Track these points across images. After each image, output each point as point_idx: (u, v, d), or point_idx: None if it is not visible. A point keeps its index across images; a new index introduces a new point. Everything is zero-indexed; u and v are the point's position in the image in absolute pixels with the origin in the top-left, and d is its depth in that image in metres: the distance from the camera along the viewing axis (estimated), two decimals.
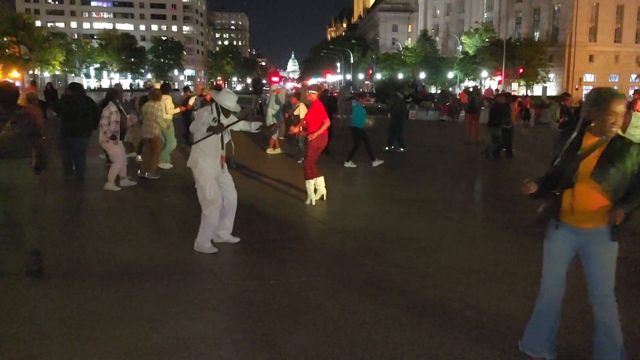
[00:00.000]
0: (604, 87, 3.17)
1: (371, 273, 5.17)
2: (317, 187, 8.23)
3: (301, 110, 10.83)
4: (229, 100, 5.58)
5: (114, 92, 9.52)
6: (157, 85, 19.31)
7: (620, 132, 3.12)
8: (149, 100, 10.32)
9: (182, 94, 16.46)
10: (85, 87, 13.55)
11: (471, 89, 30.64)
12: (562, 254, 3.23)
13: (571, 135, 3.15)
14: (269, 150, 13.87)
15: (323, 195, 8.31)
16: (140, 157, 11.34)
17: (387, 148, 14.74)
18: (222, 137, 5.61)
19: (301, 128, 8.43)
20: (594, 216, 3.02)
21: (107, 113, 8.86)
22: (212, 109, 5.57)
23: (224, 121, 5.55)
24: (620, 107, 2.95)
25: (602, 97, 2.98)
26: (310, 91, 8.45)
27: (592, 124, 3.04)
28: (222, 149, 5.67)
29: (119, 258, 5.52)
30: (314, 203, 8.03)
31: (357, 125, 12.00)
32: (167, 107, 11.23)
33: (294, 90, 19.23)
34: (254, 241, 6.13)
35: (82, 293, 4.54)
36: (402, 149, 14.78)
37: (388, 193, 9.46)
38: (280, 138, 14.53)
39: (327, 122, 8.04)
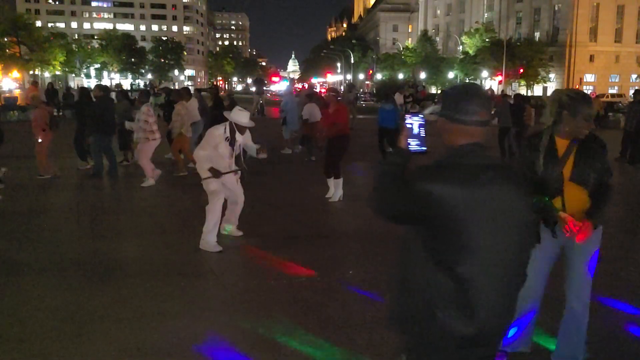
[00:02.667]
0: (571, 90, 3.19)
1: (371, 273, 5.17)
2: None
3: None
4: (243, 117, 5.76)
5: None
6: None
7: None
8: (179, 102, 10.42)
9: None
10: (86, 88, 13.65)
11: None
12: (546, 252, 3.22)
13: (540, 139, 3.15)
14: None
15: (340, 196, 8.39)
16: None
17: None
18: (232, 150, 5.84)
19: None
20: (581, 215, 3.05)
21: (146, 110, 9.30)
22: (225, 129, 5.76)
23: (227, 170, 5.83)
24: (591, 111, 3.01)
25: (574, 102, 2.98)
26: (331, 93, 8.58)
27: (560, 127, 3.05)
28: (231, 157, 5.89)
29: (119, 258, 5.53)
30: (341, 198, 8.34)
31: (388, 126, 11.62)
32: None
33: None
34: (254, 241, 6.13)
35: (82, 293, 4.55)
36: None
37: None
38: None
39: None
